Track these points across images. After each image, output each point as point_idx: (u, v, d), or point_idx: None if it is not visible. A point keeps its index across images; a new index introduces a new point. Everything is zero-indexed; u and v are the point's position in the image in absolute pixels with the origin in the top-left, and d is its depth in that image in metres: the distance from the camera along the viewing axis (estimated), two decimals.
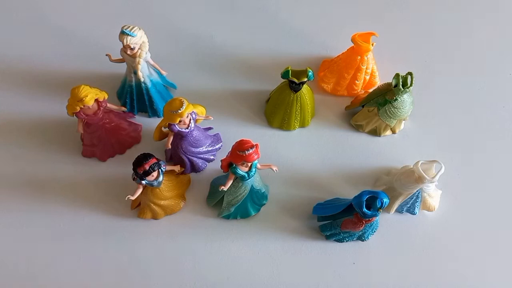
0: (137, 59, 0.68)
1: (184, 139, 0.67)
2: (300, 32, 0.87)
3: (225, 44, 0.85)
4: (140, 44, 0.67)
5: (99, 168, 0.72)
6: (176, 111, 0.62)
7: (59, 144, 0.74)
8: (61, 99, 0.68)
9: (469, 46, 0.87)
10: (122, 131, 0.72)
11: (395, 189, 0.67)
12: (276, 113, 0.75)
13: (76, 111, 0.65)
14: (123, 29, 0.65)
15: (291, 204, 0.70)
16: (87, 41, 0.83)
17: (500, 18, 0.91)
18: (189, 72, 0.81)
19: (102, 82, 0.74)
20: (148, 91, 0.73)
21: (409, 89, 0.68)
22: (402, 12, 0.91)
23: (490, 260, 0.68)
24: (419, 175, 0.63)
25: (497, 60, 0.85)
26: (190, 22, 0.87)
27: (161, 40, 0.82)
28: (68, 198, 0.70)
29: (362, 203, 0.59)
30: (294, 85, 0.69)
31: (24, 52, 0.83)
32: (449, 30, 0.88)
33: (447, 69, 0.84)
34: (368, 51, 0.74)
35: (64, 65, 0.81)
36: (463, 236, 0.69)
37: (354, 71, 0.76)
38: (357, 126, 0.77)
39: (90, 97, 0.64)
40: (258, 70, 0.82)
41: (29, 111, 0.76)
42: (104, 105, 0.67)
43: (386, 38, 0.79)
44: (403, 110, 0.72)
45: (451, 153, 0.75)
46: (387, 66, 0.80)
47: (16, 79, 0.80)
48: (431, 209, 0.69)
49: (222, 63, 0.83)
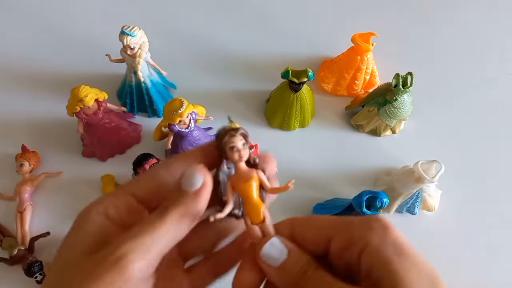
0: (137, 59, 0.68)
1: (184, 139, 0.67)
2: (300, 32, 0.87)
3: (225, 44, 0.85)
4: (140, 44, 0.67)
5: (99, 168, 0.72)
6: (176, 111, 0.62)
7: (59, 144, 0.74)
8: (61, 99, 0.68)
9: (470, 46, 0.87)
10: (122, 131, 0.72)
11: (395, 189, 0.67)
12: (276, 113, 0.75)
13: (76, 111, 0.65)
14: (123, 29, 0.65)
15: (291, 204, 0.70)
16: (87, 41, 0.84)
17: (500, 18, 0.91)
18: (189, 72, 0.81)
19: (102, 82, 0.73)
20: (148, 91, 0.73)
21: (409, 89, 0.68)
22: (402, 12, 0.91)
23: (491, 260, 0.68)
24: (419, 175, 0.63)
25: (497, 60, 0.85)
26: (190, 22, 0.87)
27: (161, 40, 0.82)
28: (68, 198, 0.70)
29: (362, 203, 0.58)
30: (294, 85, 0.69)
31: (24, 52, 0.83)
32: (449, 30, 0.88)
33: (447, 69, 0.84)
34: (368, 51, 0.74)
35: (64, 65, 0.81)
36: (463, 236, 0.69)
37: (354, 71, 0.76)
38: (357, 126, 0.77)
39: (90, 97, 0.64)
40: (258, 70, 0.82)
41: (29, 111, 0.76)
42: (104, 105, 0.67)
43: (386, 38, 0.79)
44: (403, 110, 0.72)
45: (451, 153, 0.75)
46: (387, 66, 0.80)
47: (15, 79, 0.80)
48: (431, 209, 0.69)
49: (222, 63, 0.83)
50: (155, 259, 0.27)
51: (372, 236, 0.27)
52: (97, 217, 0.29)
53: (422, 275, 0.25)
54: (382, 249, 0.26)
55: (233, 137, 0.29)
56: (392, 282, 0.25)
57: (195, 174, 0.28)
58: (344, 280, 0.27)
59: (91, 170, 0.72)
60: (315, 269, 0.28)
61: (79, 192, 0.70)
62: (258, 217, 0.30)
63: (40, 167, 0.72)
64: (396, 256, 0.26)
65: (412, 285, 0.24)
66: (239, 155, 0.29)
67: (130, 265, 0.25)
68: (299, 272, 0.28)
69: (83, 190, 0.70)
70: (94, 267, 0.26)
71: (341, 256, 0.28)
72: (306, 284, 0.27)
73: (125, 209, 0.29)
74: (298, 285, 0.28)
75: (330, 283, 0.27)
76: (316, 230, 0.29)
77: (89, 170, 0.72)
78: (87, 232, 0.28)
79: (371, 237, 0.27)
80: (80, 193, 0.70)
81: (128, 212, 0.29)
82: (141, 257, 0.26)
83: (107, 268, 0.25)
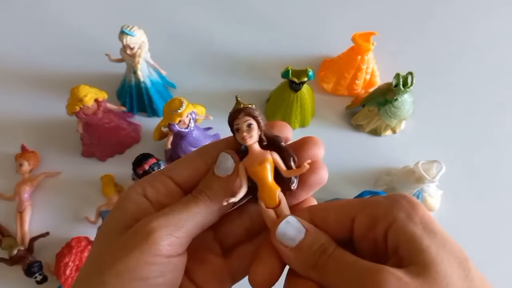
0: (137, 59, 0.68)
1: (184, 139, 0.67)
2: (300, 31, 0.87)
3: (225, 44, 0.85)
4: (140, 43, 0.67)
5: (99, 168, 0.71)
6: (176, 111, 0.62)
7: (58, 144, 0.73)
8: (60, 99, 0.68)
9: (470, 45, 0.87)
10: (122, 131, 0.72)
11: (396, 189, 0.67)
12: (276, 113, 0.75)
13: (76, 111, 0.65)
14: (123, 28, 0.65)
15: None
16: (87, 40, 0.83)
17: (501, 18, 0.90)
18: (189, 72, 0.81)
19: (101, 82, 0.73)
20: (148, 90, 0.73)
21: (409, 89, 0.68)
22: (402, 11, 0.90)
23: (491, 260, 0.68)
24: (419, 175, 0.63)
25: (497, 60, 0.85)
26: (190, 22, 0.87)
27: (161, 40, 0.82)
28: (68, 198, 0.70)
29: None
30: (294, 85, 0.69)
31: (24, 51, 0.83)
32: (450, 30, 0.88)
33: (447, 69, 0.84)
34: (368, 51, 0.74)
35: (64, 65, 0.81)
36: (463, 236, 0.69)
37: (355, 71, 0.76)
38: (357, 126, 0.76)
39: (90, 96, 0.64)
40: (258, 70, 0.82)
41: (28, 111, 0.76)
42: (104, 105, 0.67)
43: (387, 38, 0.79)
44: (404, 110, 0.72)
45: (452, 153, 0.75)
46: (387, 66, 0.80)
47: (15, 78, 0.80)
48: (431, 209, 0.69)
49: (222, 63, 0.83)
50: (185, 238, 0.27)
51: (399, 213, 0.25)
52: (135, 196, 0.29)
53: (453, 255, 0.24)
54: (410, 225, 0.25)
55: (236, 119, 0.28)
56: (423, 260, 0.23)
57: (227, 159, 0.28)
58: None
59: (91, 170, 0.72)
60: (335, 248, 0.26)
61: (79, 192, 0.70)
62: (273, 201, 0.28)
63: (39, 167, 0.71)
64: (426, 233, 0.25)
65: (443, 265, 0.23)
66: (243, 137, 0.28)
67: (158, 241, 0.25)
68: (318, 252, 0.26)
69: (83, 190, 0.70)
70: (124, 243, 0.26)
71: (365, 236, 0.26)
72: (326, 265, 0.25)
73: (163, 190, 0.29)
74: (317, 267, 0.26)
75: (353, 261, 0.25)
76: (338, 212, 0.27)
77: (89, 170, 0.72)
78: (125, 211, 0.28)
79: (398, 213, 0.25)
80: (79, 193, 0.70)
81: (166, 194, 0.29)
82: (170, 234, 0.26)
83: (136, 243, 0.25)
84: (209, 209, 0.28)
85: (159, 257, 0.25)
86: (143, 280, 0.25)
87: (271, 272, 0.28)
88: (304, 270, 0.26)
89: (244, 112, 0.28)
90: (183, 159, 0.31)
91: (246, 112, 0.28)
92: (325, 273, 0.25)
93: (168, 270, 0.26)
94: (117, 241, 0.26)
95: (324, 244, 0.26)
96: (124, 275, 0.25)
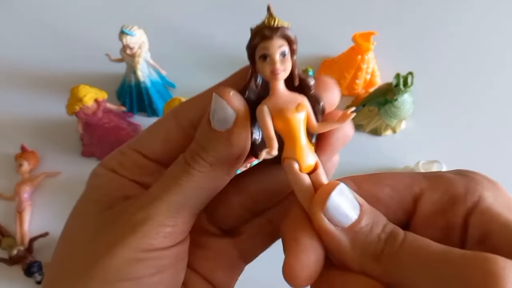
0: (137, 59, 0.68)
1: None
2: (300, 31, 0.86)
3: (225, 44, 0.85)
4: (140, 43, 0.67)
5: None
6: None
7: (58, 144, 0.73)
8: (60, 98, 0.68)
9: (471, 45, 0.87)
10: (122, 130, 0.72)
11: None
12: None
13: (76, 111, 0.65)
14: (123, 28, 0.65)
15: None
16: (86, 41, 0.83)
17: (501, 18, 0.90)
18: (189, 72, 0.81)
19: (101, 82, 0.73)
20: (148, 90, 0.73)
21: (409, 89, 0.68)
22: (402, 11, 0.90)
23: None
24: None
25: (498, 60, 0.85)
26: (190, 22, 0.87)
27: (161, 40, 0.82)
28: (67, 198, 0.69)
29: None
30: None
31: (23, 51, 0.83)
32: (450, 30, 0.88)
33: (448, 69, 0.84)
34: (368, 51, 0.74)
35: (64, 65, 0.81)
36: None
37: (355, 71, 0.76)
38: (357, 125, 0.76)
39: (89, 96, 0.64)
40: None
41: (28, 111, 0.76)
42: (104, 104, 0.67)
43: (387, 38, 0.79)
44: (404, 110, 0.72)
45: (452, 153, 0.75)
46: (387, 65, 0.80)
47: (15, 78, 0.80)
48: None
49: (222, 63, 0.83)
50: (185, 223, 0.21)
51: (485, 192, 0.20)
52: (107, 173, 0.25)
53: None
54: (500, 208, 0.20)
55: (267, 41, 0.20)
56: None
57: (225, 104, 0.20)
58: None
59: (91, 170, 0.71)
60: (405, 232, 0.19)
61: (79, 192, 0.69)
62: (311, 162, 0.20)
63: (39, 167, 0.71)
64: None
65: None
66: (273, 70, 0.19)
67: (148, 234, 0.20)
68: (384, 237, 0.18)
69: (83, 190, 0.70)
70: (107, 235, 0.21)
71: (432, 221, 0.20)
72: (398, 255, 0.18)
73: (136, 170, 0.24)
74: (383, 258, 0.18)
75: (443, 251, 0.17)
76: (395, 186, 0.20)
77: (89, 170, 0.71)
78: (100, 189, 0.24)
79: (484, 192, 0.20)
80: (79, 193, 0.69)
81: (140, 173, 0.24)
82: (163, 224, 0.20)
83: (122, 235, 0.20)
84: (211, 178, 0.21)
85: (152, 251, 0.20)
86: (134, 280, 0.20)
87: (316, 262, 0.19)
88: (361, 263, 0.19)
89: (281, 32, 0.20)
90: (154, 125, 0.24)
91: (283, 33, 0.20)
92: (395, 267, 0.18)
93: (167, 263, 0.21)
94: (98, 230, 0.22)
95: (388, 226, 0.19)
96: (109, 277, 0.20)
